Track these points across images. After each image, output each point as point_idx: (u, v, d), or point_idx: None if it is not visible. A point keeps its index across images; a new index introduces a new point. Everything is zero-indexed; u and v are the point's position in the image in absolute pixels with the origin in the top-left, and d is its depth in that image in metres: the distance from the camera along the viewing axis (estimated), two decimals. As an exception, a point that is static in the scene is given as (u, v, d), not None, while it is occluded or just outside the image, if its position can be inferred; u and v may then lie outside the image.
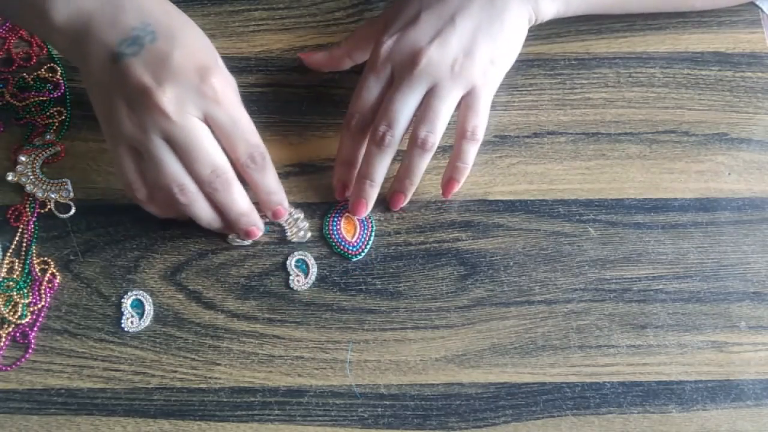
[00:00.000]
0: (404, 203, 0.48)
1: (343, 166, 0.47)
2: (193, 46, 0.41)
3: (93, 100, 0.43)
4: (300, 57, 0.51)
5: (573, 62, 0.52)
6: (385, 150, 0.45)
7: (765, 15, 0.54)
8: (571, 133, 0.50)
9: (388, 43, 0.45)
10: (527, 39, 0.48)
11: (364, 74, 0.46)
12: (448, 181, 0.47)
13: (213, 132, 0.41)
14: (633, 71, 0.52)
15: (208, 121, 0.41)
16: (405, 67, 0.44)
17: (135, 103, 0.40)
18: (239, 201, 0.43)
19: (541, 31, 0.53)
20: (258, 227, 0.45)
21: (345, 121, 0.47)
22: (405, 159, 0.46)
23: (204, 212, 0.43)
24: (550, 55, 0.53)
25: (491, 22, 0.45)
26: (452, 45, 0.44)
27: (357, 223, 0.48)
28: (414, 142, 0.45)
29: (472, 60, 0.44)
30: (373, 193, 0.46)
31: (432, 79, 0.44)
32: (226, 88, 0.41)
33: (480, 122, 0.45)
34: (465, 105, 0.45)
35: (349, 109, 0.46)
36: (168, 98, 0.40)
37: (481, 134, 0.45)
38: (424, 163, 0.46)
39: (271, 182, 0.44)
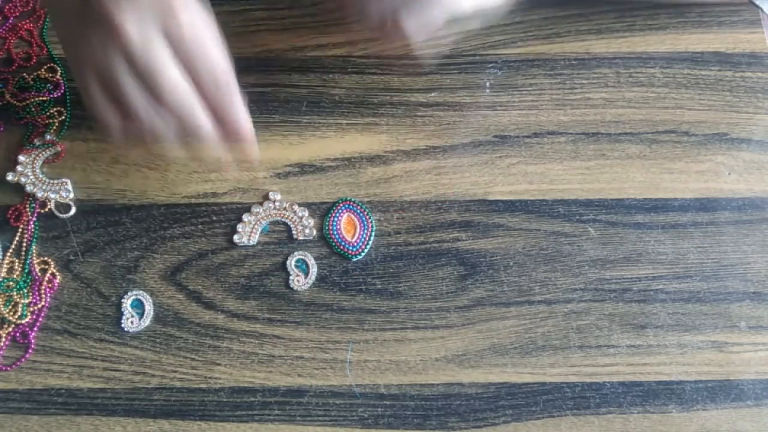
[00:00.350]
0: None
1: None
2: None
3: (55, 25, 0.43)
4: None
5: (573, 62, 0.53)
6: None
7: (765, 15, 0.54)
8: (571, 133, 0.50)
9: None
10: (527, 39, 0.48)
11: None
12: None
13: (176, 54, 0.40)
14: (633, 71, 0.52)
15: (171, 41, 0.40)
16: None
17: (96, 26, 0.40)
18: (200, 113, 0.42)
19: (541, 31, 0.53)
20: (219, 139, 0.43)
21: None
22: None
23: (166, 128, 0.42)
24: (550, 55, 0.53)
25: None
26: None
27: (357, 223, 0.48)
28: (388, 26, 0.43)
29: None
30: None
31: None
32: (191, 14, 0.40)
33: (416, 20, 0.43)
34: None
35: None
36: (129, 20, 0.39)
37: (407, 30, 0.43)
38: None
39: (236, 109, 0.43)
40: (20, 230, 0.47)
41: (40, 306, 0.46)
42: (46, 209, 0.48)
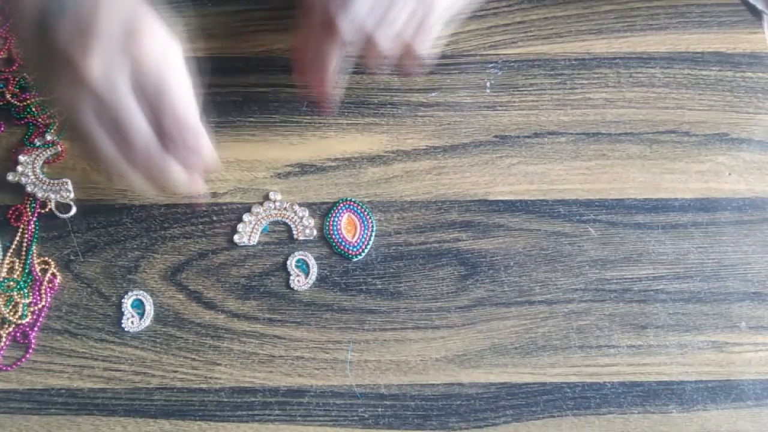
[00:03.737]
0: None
1: (300, 52, 0.45)
2: (120, 7, 0.38)
3: (33, 75, 0.42)
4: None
5: (573, 62, 0.52)
6: (337, 38, 0.43)
7: (765, 15, 0.54)
8: (572, 133, 0.50)
9: None
10: (527, 39, 0.48)
11: None
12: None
13: (140, 96, 0.39)
14: (633, 71, 0.52)
15: (137, 87, 0.39)
16: None
17: (62, 75, 0.38)
18: (173, 172, 0.41)
19: (541, 31, 0.53)
20: (197, 183, 0.43)
21: (304, 13, 0.45)
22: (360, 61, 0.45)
23: (141, 184, 0.41)
24: (550, 55, 0.53)
25: None
26: None
27: (357, 223, 0.48)
28: (365, 44, 0.44)
29: None
30: (329, 84, 0.45)
31: None
32: (155, 54, 0.38)
33: (425, 41, 0.44)
34: (416, 20, 0.43)
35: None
36: (94, 69, 0.37)
37: (422, 53, 0.44)
38: (376, 64, 0.45)
39: (200, 149, 0.41)
40: (20, 230, 0.47)
41: (40, 306, 0.46)
42: (47, 209, 0.48)
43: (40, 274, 0.46)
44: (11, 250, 0.47)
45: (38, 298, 0.46)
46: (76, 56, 0.37)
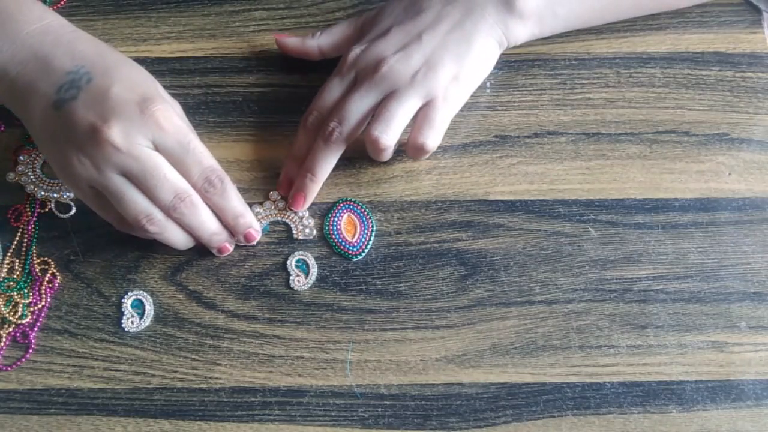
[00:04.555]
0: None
1: (294, 161, 0.48)
2: (130, 78, 0.42)
3: (42, 148, 0.44)
4: (275, 37, 0.51)
5: (573, 62, 0.52)
6: (331, 146, 0.46)
7: (765, 15, 0.54)
8: (572, 133, 0.50)
9: (355, 51, 0.46)
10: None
11: (330, 77, 0.47)
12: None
13: (165, 156, 0.42)
14: (633, 71, 0.52)
15: (158, 149, 0.42)
16: (367, 72, 0.45)
17: (85, 144, 0.40)
18: (207, 221, 0.44)
19: (541, 31, 0.53)
20: (230, 242, 0.46)
21: (303, 118, 0.48)
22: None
23: (176, 237, 0.44)
24: (550, 55, 0.53)
25: (458, 43, 0.46)
26: (415, 58, 0.45)
27: (357, 223, 0.48)
28: (367, 141, 0.45)
29: (434, 73, 0.45)
30: (313, 188, 0.47)
31: (391, 85, 0.45)
32: (169, 115, 0.42)
33: (432, 136, 0.45)
34: (422, 115, 0.45)
35: (309, 107, 0.48)
36: (115, 132, 0.40)
37: (431, 148, 0.46)
38: (377, 160, 0.47)
39: (235, 204, 0.45)
40: (20, 230, 0.47)
41: (40, 306, 0.46)
42: (47, 209, 0.48)
43: (40, 274, 0.46)
44: (11, 250, 0.47)
45: (38, 298, 0.46)
46: (98, 123, 0.40)
